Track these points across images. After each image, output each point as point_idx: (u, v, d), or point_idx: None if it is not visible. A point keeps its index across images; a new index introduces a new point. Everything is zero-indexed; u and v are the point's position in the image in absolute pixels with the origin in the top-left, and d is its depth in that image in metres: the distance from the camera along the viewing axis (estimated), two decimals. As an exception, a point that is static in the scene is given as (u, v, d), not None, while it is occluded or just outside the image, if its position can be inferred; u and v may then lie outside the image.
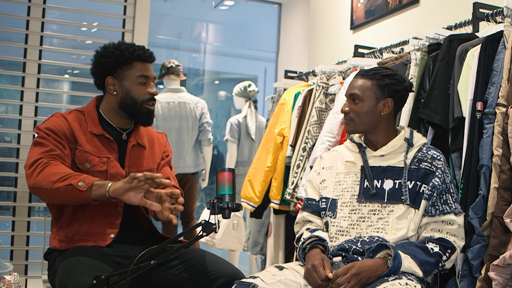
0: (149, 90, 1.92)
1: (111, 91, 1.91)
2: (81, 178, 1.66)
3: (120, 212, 1.87)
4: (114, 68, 1.90)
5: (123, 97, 1.90)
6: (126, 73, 1.90)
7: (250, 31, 7.05)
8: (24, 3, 3.51)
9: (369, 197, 1.77)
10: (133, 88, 1.90)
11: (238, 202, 1.63)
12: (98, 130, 1.89)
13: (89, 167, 1.83)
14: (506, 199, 1.72)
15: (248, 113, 4.24)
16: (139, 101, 1.90)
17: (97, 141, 1.87)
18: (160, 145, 2.07)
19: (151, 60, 1.95)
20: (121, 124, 1.96)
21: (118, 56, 1.88)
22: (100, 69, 1.92)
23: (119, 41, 1.96)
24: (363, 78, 1.82)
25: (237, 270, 1.81)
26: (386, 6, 3.29)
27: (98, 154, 1.86)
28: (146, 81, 1.92)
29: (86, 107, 1.96)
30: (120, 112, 1.93)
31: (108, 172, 1.85)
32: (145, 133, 2.04)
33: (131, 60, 1.89)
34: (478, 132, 1.85)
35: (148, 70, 1.93)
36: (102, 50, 1.92)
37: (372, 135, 1.83)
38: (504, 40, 1.87)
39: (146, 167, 1.96)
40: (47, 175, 1.69)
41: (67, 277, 1.64)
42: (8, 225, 3.74)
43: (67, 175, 1.67)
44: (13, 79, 4.20)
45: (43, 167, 1.71)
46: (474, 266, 1.77)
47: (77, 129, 1.86)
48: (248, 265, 4.15)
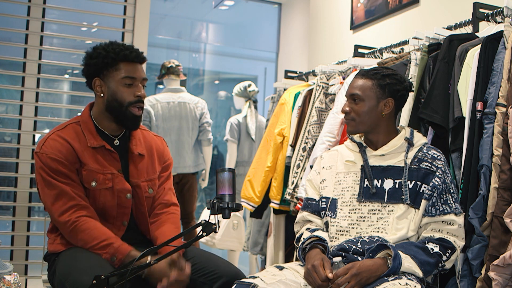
0: (135, 93, 1.85)
1: (98, 93, 1.87)
2: (112, 251, 1.71)
3: (124, 226, 1.88)
4: (100, 69, 1.84)
5: (109, 99, 1.85)
6: (111, 74, 1.84)
7: (250, 31, 7.05)
8: (24, 3, 3.51)
9: (369, 196, 1.77)
10: (119, 89, 1.83)
11: (238, 202, 1.64)
12: (97, 142, 1.84)
13: (95, 185, 1.81)
14: (506, 199, 1.72)
15: (248, 113, 4.24)
16: (125, 104, 1.84)
17: (98, 156, 1.84)
18: (159, 152, 2.02)
19: (139, 61, 1.88)
20: (112, 129, 1.90)
21: (104, 57, 1.83)
22: (88, 70, 1.87)
23: (109, 41, 1.90)
24: (364, 78, 1.82)
25: (237, 270, 1.81)
26: (386, 6, 3.29)
27: (102, 171, 1.83)
28: (132, 83, 1.84)
29: (81, 117, 1.91)
30: (108, 115, 1.87)
31: (114, 188, 1.84)
32: (142, 138, 1.98)
33: (117, 61, 1.83)
34: (478, 132, 1.85)
35: (135, 71, 1.85)
36: (91, 50, 1.87)
37: (373, 134, 1.83)
38: (504, 40, 1.87)
39: (147, 178, 1.93)
40: (79, 239, 1.75)
41: (66, 277, 1.65)
42: (8, 225, 3.74)
43: (100, 245, 1.73)
44: (13, 79, 4.21)
45: (72, 230, 1.76)
46: (474, 266, 1.77)
47: (78, 148, 1.82)
48: (248, 265, 4.15)
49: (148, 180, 1.93)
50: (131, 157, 1.91)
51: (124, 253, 1.71)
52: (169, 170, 2.06)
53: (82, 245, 1.75)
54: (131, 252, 1.72)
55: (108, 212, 1.85)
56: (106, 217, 1.85)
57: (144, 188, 1.91)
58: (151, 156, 1.98)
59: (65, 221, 1.75)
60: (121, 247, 1.72)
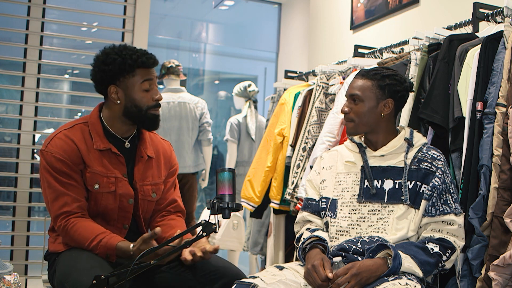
0: (153, 96, 1.85)
1: (114, 100, 1.83)
2: (103, 249, 1.70)
3: (125, 229, 1.88)
4: (116, 76, 1.81)
5: (127, 105, 1.83)
6: (129, 81, 1.82)
7: (250, 31, 7.05)
8: (24, 3, 3.51)
9: (369, 197, 1.77)
10: (137, 96, 1.83)
11: (238, 202, 1.63)
12: (104, 145, 1.83)
13: (98, 188, 1.81)
14: (506, 199, 1.72)
15: (248, 113, 4.24)
16: (144, 108, 1.84)
17: (104, 159, 1.83)
18: (166, 157, 2.01)
19: (155, 66, 1.88)
20: (123, 131, 1.89)
21: (121, 64, 1.80)
22: (101, 76, 1.83)
23: (120, 45, 1.87)
24: (364, 79, 1.81)
25: (238, 270, 1.81)
26: (386, 6, 3.29)
27: (106, 174, 1.82)
28: (150, 87, 1.85)
29: (89, 118, 1.88)
30: (124, 119, 1.86)
31: (117, 192, 1.83)
32: (150, 141, 1.98)
33: (134, 68, 1.81)
34: (478, 132, 1.85)
35: (151, 75, 1.86)
36: (103, 56, 1.83)
37: (373, 135, 1.83)
38: (504, 40, 1.87)
39: (152, 181, 1.92)
40: (74, 241, 1.76)
41: (66, 277, 1.64)
42: (8, 225, 3.75)
43: (92, 244, 1.72)
44: (13, 79, 4.21)
45: (65, 234, 1.77)
46: (474, 266, 1.77)
47: (84, 149, 1.80)
48: (248, 265, 4.15)
49: (153, 184, 1.93)
50: (140, 159, 1.91)
51: (112, 247, 1.70)
52: (175, 175, 2.05)
53: (79, 246, 1.75)
54: (117, 244, 1.70)
55: (109, 215, 1.84)
56: (107, 219, 1.85)
57: (147, 192, 1.90)
58: (158, 160, 1.97)
59: (58, 226, 1.77)
60: (108, 242, 1.70)
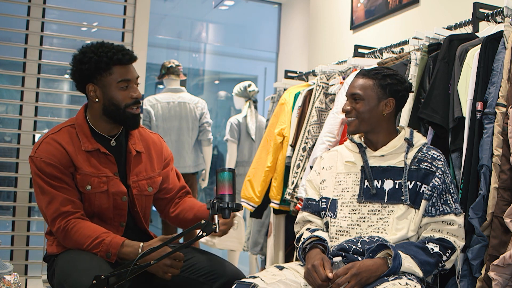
0: (132, 94, 1.83)
1: (93, 98, 1.83)
2: (105, 248, 1.70)
3: (122, 226, 1.88)
4: (93, 75, 1.81)
5: (105, 103, 1.83)
6: (106, 79, 1.81)
7: (250, 31, 7.05)
8: (24, 3, 3.51)
9: (369, 197, 1.77)
10: (115, 94, 1.81)
11: (238, 202, 1.63)
12: (92, 146, 1.83)
13: (90, 189, 1.80)
14: (506, 199, 1.72)
15: (248, 113, 4.24)
16: (122, 106, 1.82)
17: (93, 159, 1.82)
18: (157, 150, 2.01)
19: (132, 62, 1.86)
20: (108, 130, 1.89)
21: (97, 62, 1.78)
22: (79, 75, 1.83)
23: (97, 43, 1.85)
24: (365, 78, 1.82)
25: (237, 270, 1.81)
26: (386, 6, 3.29)
27: (97, 174, 1.81)
28: (127, 85, 1.83)
29: (76, 119, 1.88)
30: (105, 118, 1.86)
31: (109, 191, 1.83)
32: (139, 136, 1.97)
33: (110, 66, 1.80)
34: (478, 132, 1.85)
35: (128, 72, 1.83)
36: (80, 55, 1.83)
37: (373, 135, 1.83)
38: (504, 40, 1.87)
39: (146, 176, 1.93)
40: (73, 241, 1.75)
41: (65, 278, 1.65)
42: (8, 225, 3.74)
43: (93, 244, 1.72)
44: (13, 79, 4.21)
45: (64, 236, 1.76)
46: (474, 266, 1.77)
47: (72, 151, 1.80)
48: (248, 265, 4.15)
49: (148, 178, 1.93)
50: (130, 156, 1.91)
51: (117, 246, 1.70)
52: (171, 164, 2.06)
53: (77, 247, 1.74)
54: (124, 242, 1.71)
55: (105, 214, 1.84)
56: (104, 218, 1.85)
57: (143, 187, 1.91)
58: (149, 153, 1.97)
59: (56, 228, 1.76)
60: (112, 241, 1.71)
